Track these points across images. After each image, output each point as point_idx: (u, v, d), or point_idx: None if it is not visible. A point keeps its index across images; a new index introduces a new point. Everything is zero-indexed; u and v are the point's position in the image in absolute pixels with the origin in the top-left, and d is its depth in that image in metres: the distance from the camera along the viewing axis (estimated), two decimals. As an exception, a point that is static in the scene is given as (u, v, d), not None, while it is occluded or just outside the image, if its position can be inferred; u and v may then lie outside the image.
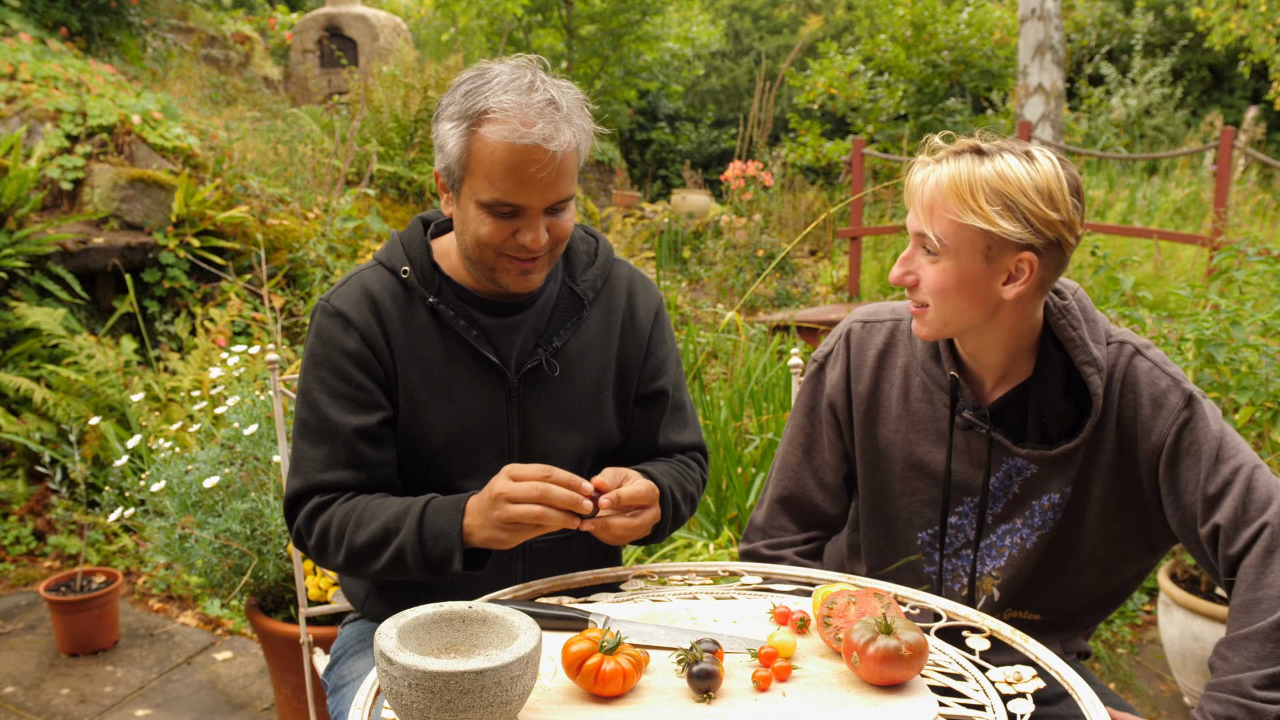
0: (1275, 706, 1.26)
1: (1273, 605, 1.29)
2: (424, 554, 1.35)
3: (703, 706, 1.10)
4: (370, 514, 1.40)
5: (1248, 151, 6.22)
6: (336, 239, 4.98)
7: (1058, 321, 1.42)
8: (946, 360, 1.48)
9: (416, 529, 1.35)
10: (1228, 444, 1.38)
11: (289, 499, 1.47)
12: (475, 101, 1.35)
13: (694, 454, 1.65)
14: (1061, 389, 1.42)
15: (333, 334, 1.47)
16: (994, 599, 1.53)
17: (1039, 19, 8.43)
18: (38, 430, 3.78)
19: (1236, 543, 1.34)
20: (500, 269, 1.42)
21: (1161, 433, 1.39)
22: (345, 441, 1.44)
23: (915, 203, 1.37)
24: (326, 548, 1.43)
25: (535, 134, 1.32)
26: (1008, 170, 1.30)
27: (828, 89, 12.27)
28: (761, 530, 1.62)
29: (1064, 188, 1.32)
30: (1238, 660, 1.29)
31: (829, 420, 1.58)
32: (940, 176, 1.33)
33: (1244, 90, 12.60)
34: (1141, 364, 1.42)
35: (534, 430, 1.52)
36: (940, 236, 1.33)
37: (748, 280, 6.94)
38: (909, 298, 1.43)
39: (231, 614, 3.32)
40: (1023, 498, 1.48)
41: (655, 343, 1.61)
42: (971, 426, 1.47)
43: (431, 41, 11.96)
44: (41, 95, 4.98)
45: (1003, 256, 1.33)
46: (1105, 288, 4.03)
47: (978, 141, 1.36)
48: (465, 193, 1.39)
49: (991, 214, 1.30)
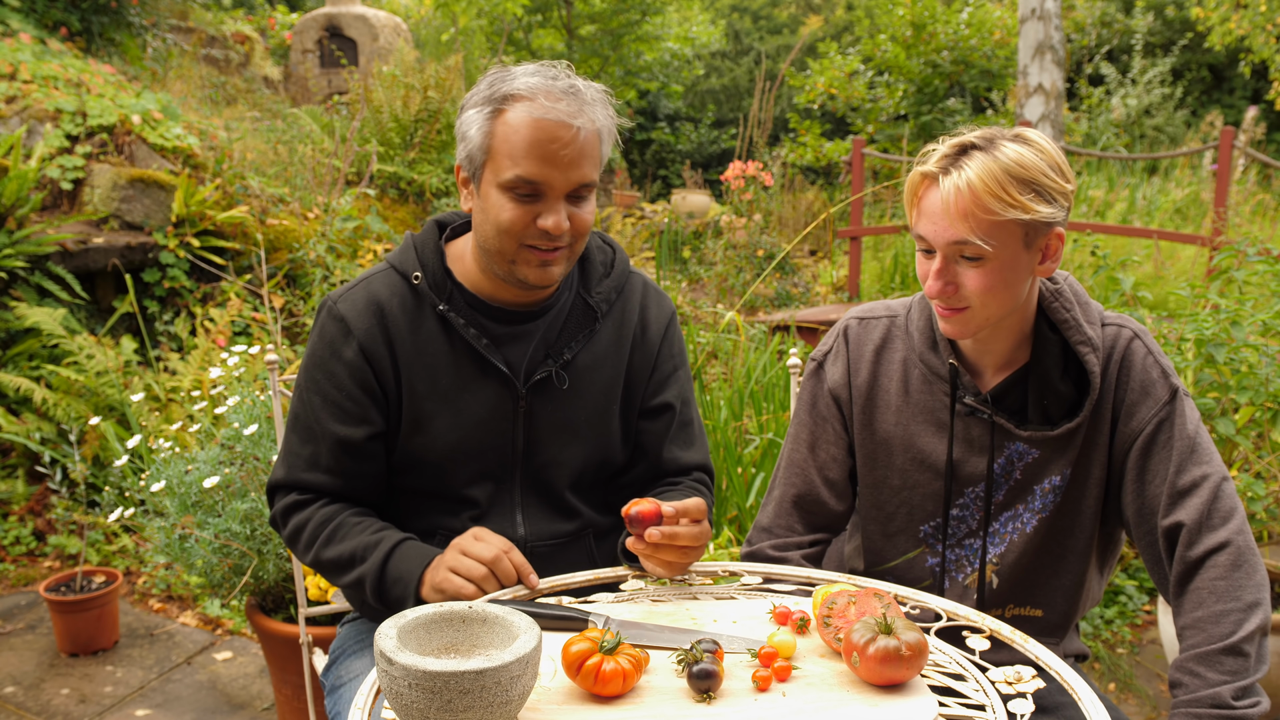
0: (1255, 710, 1.28)
1: (1240, 619, 1.32)
2: (381, 591, 1.40)
3: (703, 706, 1.10)
4: (343, 534, 1.45)
5: (1248, 151, 6.22)
6: (336, 239, 4.98)
7: (1051, 304, 1.45)
8: (945, 350, 1.50)
9: (380, 566, 1.40)
10: (1202, 447, 1.41)
11: (271, 485, 1.53)
12: (500, 88, 1.37)
13: (699, 475, 1.62)
14: (1060, 370, 1.45)
15: (333, 339, 1.47)
16: (993, 586, 1.53)
17: (1039, 19, 8.43)
18: (38, 430, 3.78)
19: (1197, 547, 1.37)
20: (520, 259, 1.41)
21: (1142, 420, 1.43)
22: (329, 448, 1.47)
23: (947, 212, 1.33)
24: (297, 545, 1.50)
25: (560, 109, 1.34)
26: (1022, 157, 1.33)
27: (828, 89, 12.27)
28: (767, 531, 1.60)
29: (1062, 157, 1.37)
30: (1213, 676, 1.30)
31: (833, 414, 1.58)
32: (970, 180, 1.32)
33: (1244, 90, 12.60)
34: (1138, 348, 1.46)
35: (538, 442, 1.51)
36: (984, 238, 1.33)
37: (748, 280, 6.94)
38: (944, 304, 1.40)
39: (231, 614, 3.32)
40: (1024, 483, 1.49)
41: (663, 355, 1.60)
42: (974, 412, 1.48)
43: (431, 41, 11.95)
44: (41, 95, 4.98)
45: (1038, 238, 1.37)
46: (1105, 288, 4.02)
47: (968, 138, 1.37)
48: (486, 178, 1.39)
49: (1027, 202, 1.32)
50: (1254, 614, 1.33)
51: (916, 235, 1.40)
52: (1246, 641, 1.31)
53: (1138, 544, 1.46)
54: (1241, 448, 2.92)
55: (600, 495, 1.62)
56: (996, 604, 1.55)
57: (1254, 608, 1.33)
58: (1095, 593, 1.60)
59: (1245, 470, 2.95)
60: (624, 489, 1.62)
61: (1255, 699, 1.29)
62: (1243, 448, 2.90)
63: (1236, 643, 1.31)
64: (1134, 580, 3.29)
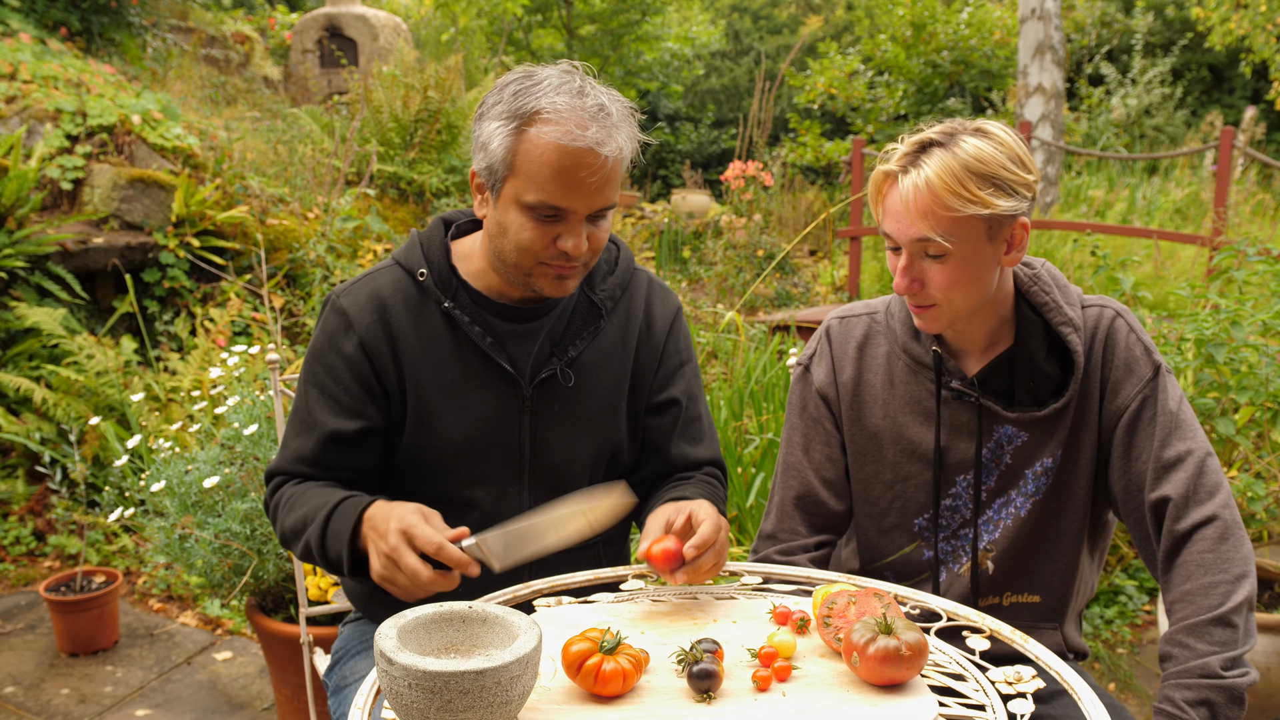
0: (1244, 680, 1.29)
1: (1228, 591, 1.33)
2: (324, 549, 1.37)
3: (703, 706, 1.10)
4: (301, 500, 1.44)
5: (1247, 151, 6.22)
6: (336, 239, 4.98)
7: (1030, 288, 1.47)
8: (927, 338, 1.51)
9: (322, 526, 1.37)
10: (1185, 423, 1.44)
11: (266, 473, 1.54)
12: (526, 102, 1.33)
13: (710, 470, 1.61)
14: (1044, 351, 1.47)
15: (334, 332, 1.48)
16: (989, 573, 1.54)
17: (1039, 19, 8.44)
18: (38, 430, 3.78)
19: (1184, 521, 1.38)
20: (537, 274, 1.41)
21: (1127, 397, 1.45)
22: (317, 438, 1.47)
23: (908, 210, 1.36)
24: (275, 524, 1.49)
25: (589, 138, 1.31)
26: (981, 152, 1.34)
27: (828, 89, 12.27)
28: (772, 537, 1.60)
29: (1024, 149, 1.38)
30: (1202, 647, 1.32)
31: (823, 414, 1.59)
32: (928, 178, 1.34)
33: (1244, 90, 12.60)
34: (1121, 326, 1.48)
35: (545, 440, 1.51)
36: (946, 235, 1.35)
37: (748, 280, 6.94)
38: (911, 301, 1.44)
39: (231, 614, 3.32)
40: (1015, 468, 1.50)
41: (669, 351, 1.59)
42: (961, 396, 1.49)
43: (431, 41, 11.95)
44: (41, 95, 4.98)
45: (1002, 230, 1.38)
46: (1105, 288, 4.02)
47: (928, 134, 1.38)
48: (507, 193, 1.37)
49: (986, 197, 1.33)
50: (1241, 586, 1.34)
51: (883, 233, 1.43)
52: (1235, 613, 1.32)
53: (1126, 520, 1.48)
54: (1241, 448, 2.92)
55: None
56: (994, 591, 1.55)
57: (1241, 580, 1.35)
58: (1089, 579, 1.60)
59: (1245, 470, 2.95)
60: (634, 488, 1.61)
61: (1244, 669, 1.31)
62: (1243, 448, 2.90)
63: (1225, 614, 1.32)
64: (1134, 580, 3.29)
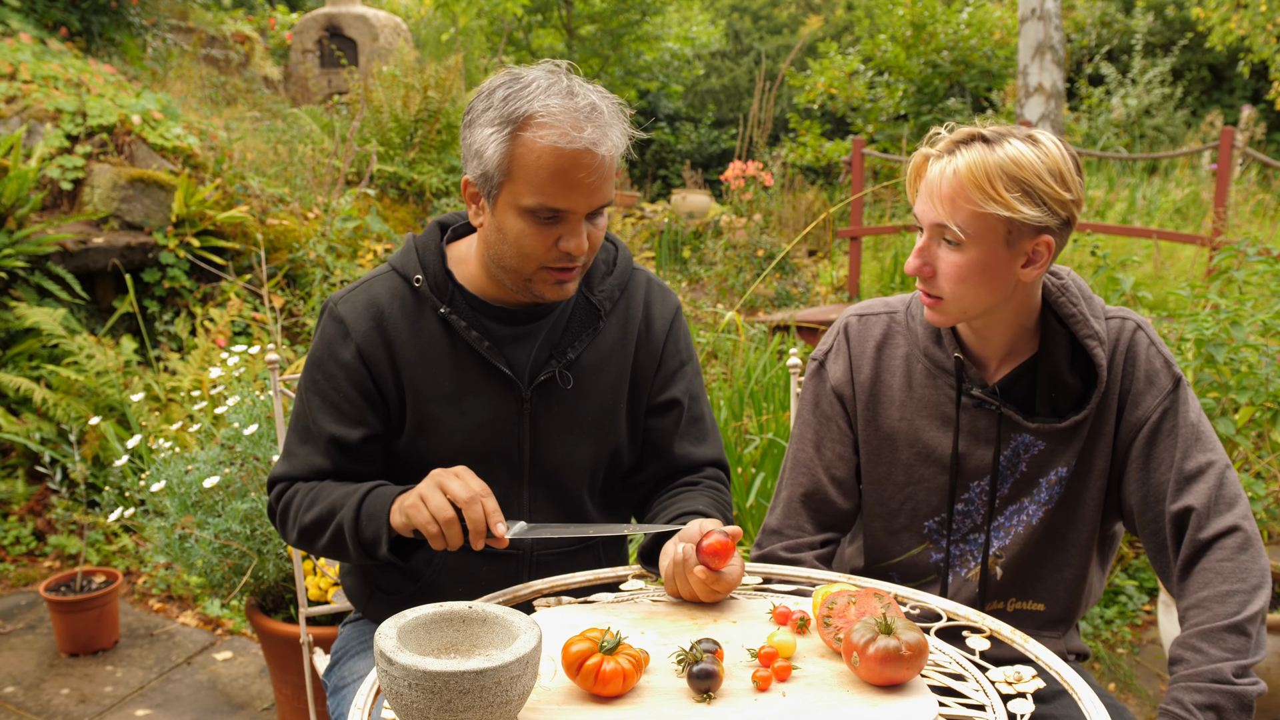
0: (1254, 689, 1.31)
1: (1245, 599, 1.34)
2: (358, 533, 1.38)
3: (703, 706, 1.10)
4: (324, 495, 1.45)
5: (1247, 151, 6.22)
6: (336, 239, 4.98)
7: (1057, 299, 1.47)
8: (949, 343, 1.50)
9: (355, 509, 1.39)
10: (1205, 434, 1.45)
11: (269, 480, 1.55)
12: (517, 106, 1.32)
13: (714, 471, 1.60)
14: (1069, 363, 1.46)
15: (332, 340, 1.48)
16: (997, 578, 1.54)
17: (1039, 19, 8.43)
18: (38, 430, 3.78)
19: (1207, 530, 1.39)
20: (538, 279, 1.40)
21: (1147, 409, 1.45)
22: (323, 447, 1.48)
23: (933, 195, 1.37)
24: (287, 523, 1.50)
25: (585, 139, 1.31)
26: (1020, 156, 1.33)
27: (828, 89, 12.27)
28: (777, 532, 1.59)
29: (1071, 167, 1.36)
30: (1215, 652, 1.32)
31: (837, 412, 1.58)
32: (957, 167, 1.34)
33: (1244, 90, 12.59)
34: (1142, 339, 1.48)
35: (545, 443, 1.50)
36: (962, 226, 1.35)
37: (748, 280, 6.94)
38: (922, 288, 1.44)
39: (231, 614, 3.32)
40: (1030, 476, 1.50)
41: (669, 351, 1.58)
42: (981, 405, 1.49)
43: (431, 41, 11.95)
44: (41, 95, 4.98)
45: (1022, 241, 1.37)
46: (1105, 288, 4.02)
47: (980, 129, 1.38)
48: (504, 199, 1.36)
49: (1012, 200, 1.33)
50: (1257, 596, 1.35)
51: (913, 214, 1.43)
52: (1250, 622, 1.33)
53: (1140, 532, 1.48)
54: (1241, 448, 2.92)
55: (612, 500, 1.61)
56: (999, 597, 1.55)
57: (1258, 590, 1.36)
58: (1095, 589, 1.60)
59: (1245, 470, 2.95)
60: (636, 489, 1.61)
61: (1254, 679, 1.32)
62: (1243, 448, 2.90)
63: (1241, 622, 1.33)
64: (1134, 580, 3.29)
